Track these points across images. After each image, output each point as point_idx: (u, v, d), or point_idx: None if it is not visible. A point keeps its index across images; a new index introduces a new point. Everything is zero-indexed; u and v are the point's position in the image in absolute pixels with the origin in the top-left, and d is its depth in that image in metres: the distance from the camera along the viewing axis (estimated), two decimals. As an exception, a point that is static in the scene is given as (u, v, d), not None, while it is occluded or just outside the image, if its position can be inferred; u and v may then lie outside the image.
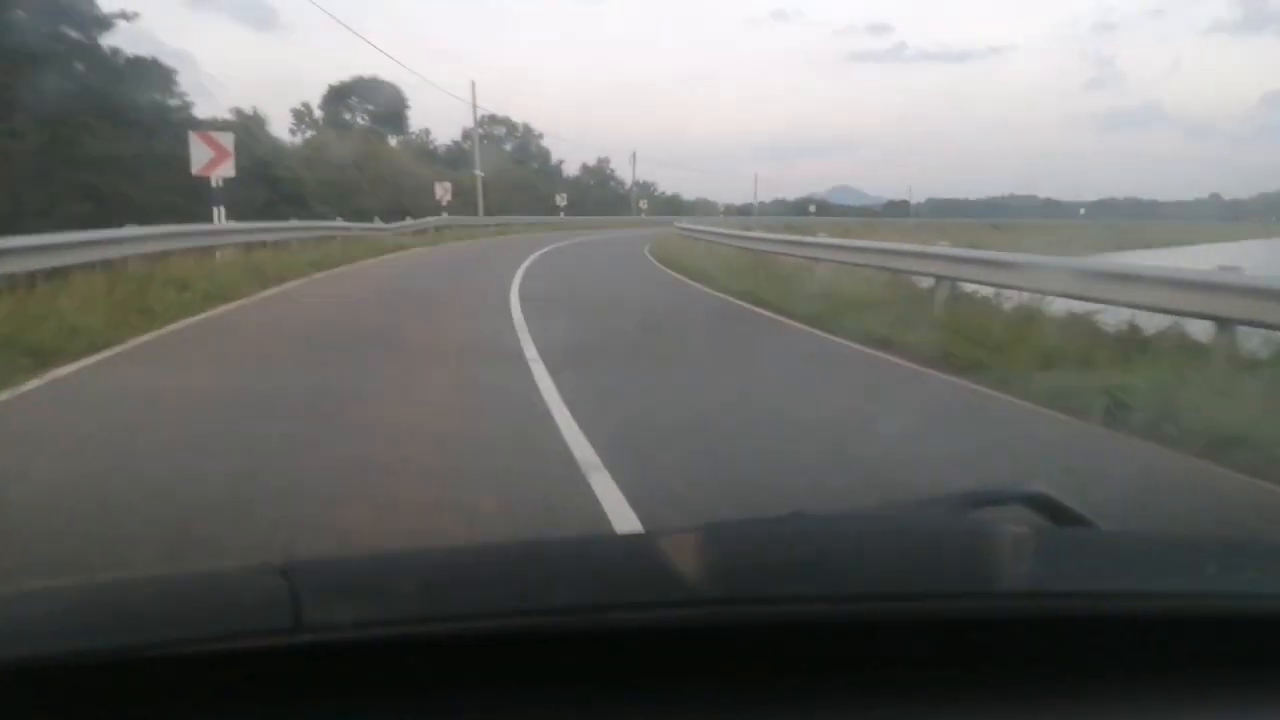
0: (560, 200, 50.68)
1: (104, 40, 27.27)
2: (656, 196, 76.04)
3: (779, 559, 0.94)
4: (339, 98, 57.00)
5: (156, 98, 27.84)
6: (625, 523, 3.42)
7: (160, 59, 29.03)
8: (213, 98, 62.16)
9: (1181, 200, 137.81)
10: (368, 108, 57.83)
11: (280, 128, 46.58)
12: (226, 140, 15.40)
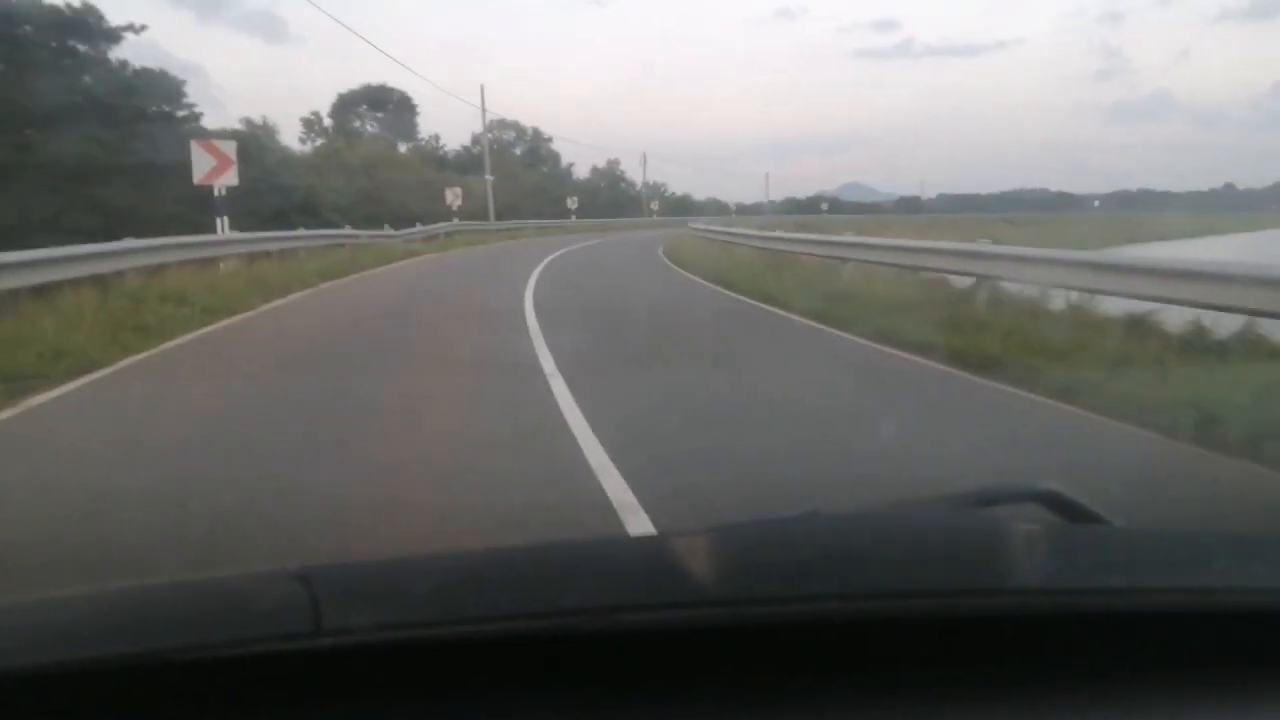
0: (571, 203, 50.55)
1: (113, 53, 27.23)
2: (667, 197, 75.84)
3: (790, 559, 0.93)
4: (348, 106, 56.96)
5: (165, 109, 27.71)
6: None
7: (170, 71, 28.98)
8: (224, 109, 62.57)
9: (1195, 191, 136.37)
10: (377, 115, 57.78)
11: (290, 137, 46.60)
12: (229, 148, 14.96)
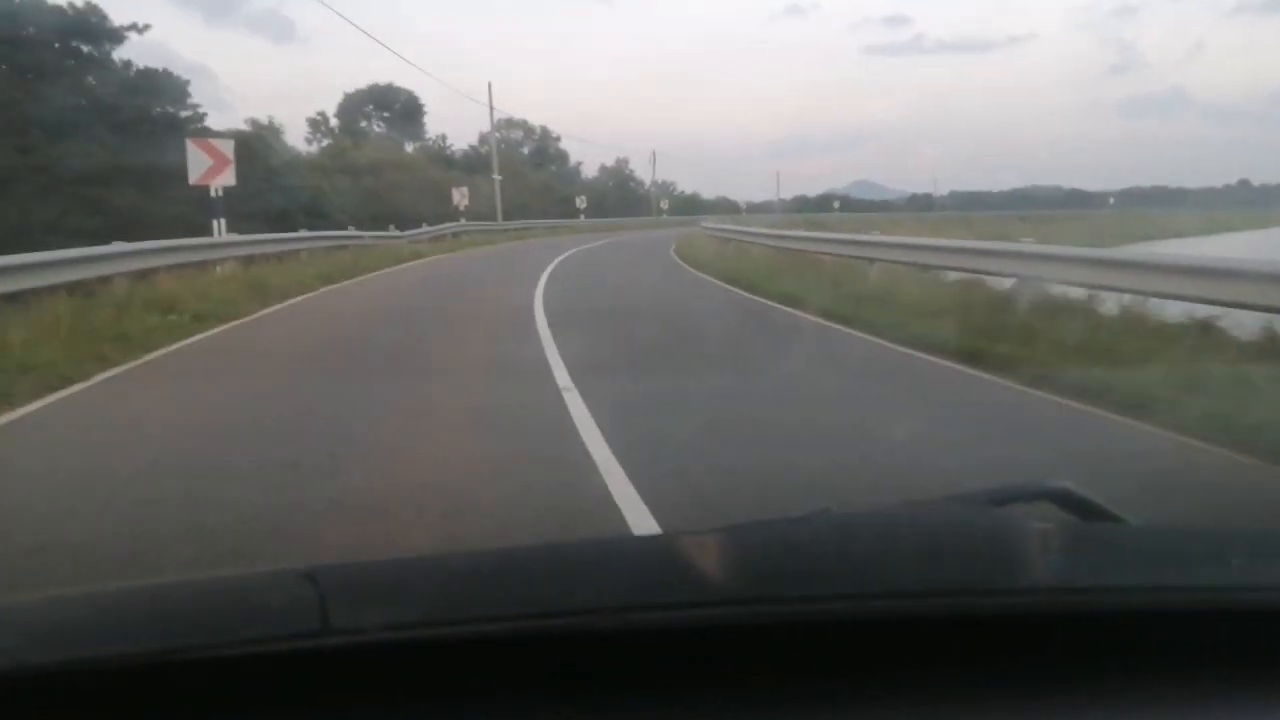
0: (580, 202, 49.97)
1: (117, 54, 26.85)
2: (676, 196, 75.16)
3: (801, 558, 0.92)
4: (355, 106, 56.54)
5: (169, 110, 27.29)
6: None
7: (177, 72, 28.60)
8: (231, 109, 62.28)
9: (1210, 187, 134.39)
10: (384, 115, 57.35)
11: (296, 137, 46.15)
12: (226, 147, 14.42)
